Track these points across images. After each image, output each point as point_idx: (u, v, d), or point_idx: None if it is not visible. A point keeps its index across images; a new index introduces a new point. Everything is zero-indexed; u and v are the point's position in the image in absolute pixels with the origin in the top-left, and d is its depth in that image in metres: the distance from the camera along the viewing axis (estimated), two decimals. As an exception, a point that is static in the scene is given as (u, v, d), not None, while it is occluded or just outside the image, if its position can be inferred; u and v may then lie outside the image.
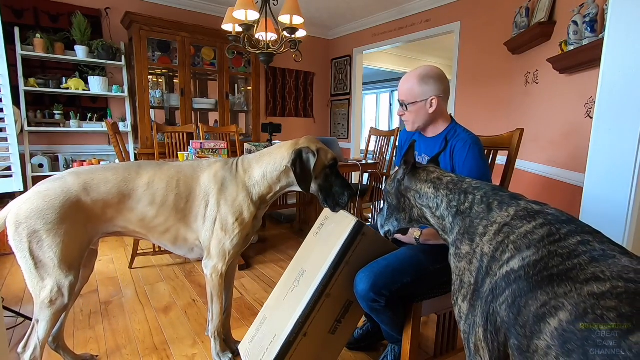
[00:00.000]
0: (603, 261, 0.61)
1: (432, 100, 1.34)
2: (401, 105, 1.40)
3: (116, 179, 1.26)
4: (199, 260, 1.49)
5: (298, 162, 1.30)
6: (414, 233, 1.34)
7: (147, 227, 1.31)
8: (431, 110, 1.35)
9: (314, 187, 1.36)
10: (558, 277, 0.62)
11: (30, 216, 1.10)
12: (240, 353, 1.46)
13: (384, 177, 3.17)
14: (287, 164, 1.31)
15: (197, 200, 1.32)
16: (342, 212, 1.36)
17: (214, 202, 1.32)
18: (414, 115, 1.38)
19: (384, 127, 8.10)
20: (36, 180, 3.09)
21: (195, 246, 1.39)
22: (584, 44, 1.85)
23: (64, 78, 3.23)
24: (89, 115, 3.43)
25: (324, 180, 1.34)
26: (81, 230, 1.20)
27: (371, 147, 3.81)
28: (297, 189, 1.37)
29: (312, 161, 1.30)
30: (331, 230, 1.35)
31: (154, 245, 2.70)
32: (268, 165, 1.36)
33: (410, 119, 1.40)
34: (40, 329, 1.17)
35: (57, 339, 1.42)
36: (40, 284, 1.13)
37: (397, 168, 1.15)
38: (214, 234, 1.33)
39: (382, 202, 1.25)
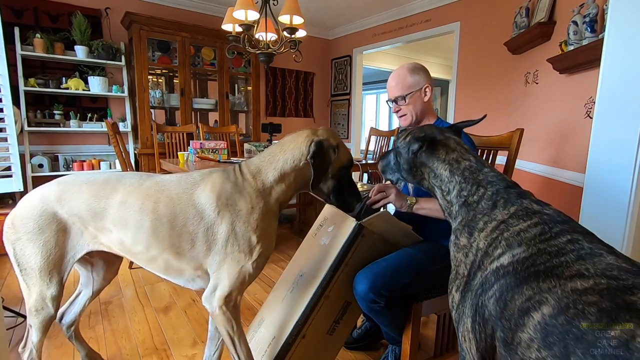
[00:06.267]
0: (589, 259, 0.63)
1: (425, 88, 1.40)
2: (394, 101, 1.42)
3: (88, 193, 1.08)
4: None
5: (320, 155, 1.08)
6: (409, 199, 1.29)
7: (129, 252, 1.11)
8: (426, 99, 1.40)
9: (324, 188, 1.16)
10: (544, 273, 0.64)
11: (15, 223, 1.09)
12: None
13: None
14: (308, 158, 1.09)
15: (191, 224, 1.05)
16: (341, 212, 1.33)
17: (222, 223, 1.05)
18: (411, 107, 1.40)
19: (384, 127, 8.10)
20: (36, 180, 3.10)
21: (196, 277, 1.13)
22: (584, 44, 1.85)
23: (64, 78, 3.23)
24: (89, 115, 3.43)
25: (338, 181, 1.16)
26: (62, 243, 1.10)
27: (371, 147, 3.81)
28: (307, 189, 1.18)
29: (332, 157, 1.12)
30: (330, 232, 1.35)
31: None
32: (285, 163, 1.10)
33: (407, 111, 1.41)
34: (32, 335, 1.16)
35: (70, 328, 1.39)
36: (27, 291, 1.12)
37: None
38: (227, 257, 1.06)
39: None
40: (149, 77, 3.40)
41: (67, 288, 1.27)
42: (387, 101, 1.48)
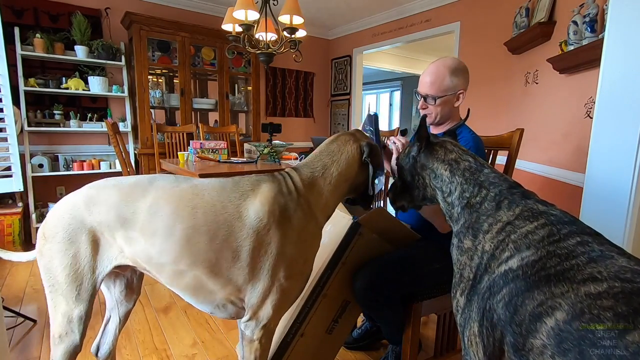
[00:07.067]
0: (601, 262, 0.61)
1: (460, 94, 1.31)
2: (424, 98, 1.32)
3: (117, 197, 0.97)
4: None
5: (374, 156, 1.06)
6: None
7: (154, 266, 0.98)
8: (457, 104, 1.32)
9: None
10: (555, 277, 0.63)
11: (45, 233, 0.98)
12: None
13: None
14: (365, 158, 1.06)
15: (235, 239, 0.93)
16: (338, 212, 1.33)
17: (271, 242, 0.94)
18: (439, 109, 1.31)
19: (383, 127, 8.10)
20: (36, 180, 3.09)
21: (229, 302, 0.99)
22: (584, 44, 1.85)
23: (64, 78, 3.23)
24: (89, 115, 3.43)
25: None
26: (90, 255, 0.98)
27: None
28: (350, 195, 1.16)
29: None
30: (328, 231, 1.35)
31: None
32: (341, 175, 1.05)
33: (433, 111, 1.33)
34: None
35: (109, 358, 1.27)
36: (52, 312, 1.00)
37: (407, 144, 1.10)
38: (274, 286, 0.96)
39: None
40: (149, 77, 3.40)
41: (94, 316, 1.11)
42: (415, 93, 1.37)
